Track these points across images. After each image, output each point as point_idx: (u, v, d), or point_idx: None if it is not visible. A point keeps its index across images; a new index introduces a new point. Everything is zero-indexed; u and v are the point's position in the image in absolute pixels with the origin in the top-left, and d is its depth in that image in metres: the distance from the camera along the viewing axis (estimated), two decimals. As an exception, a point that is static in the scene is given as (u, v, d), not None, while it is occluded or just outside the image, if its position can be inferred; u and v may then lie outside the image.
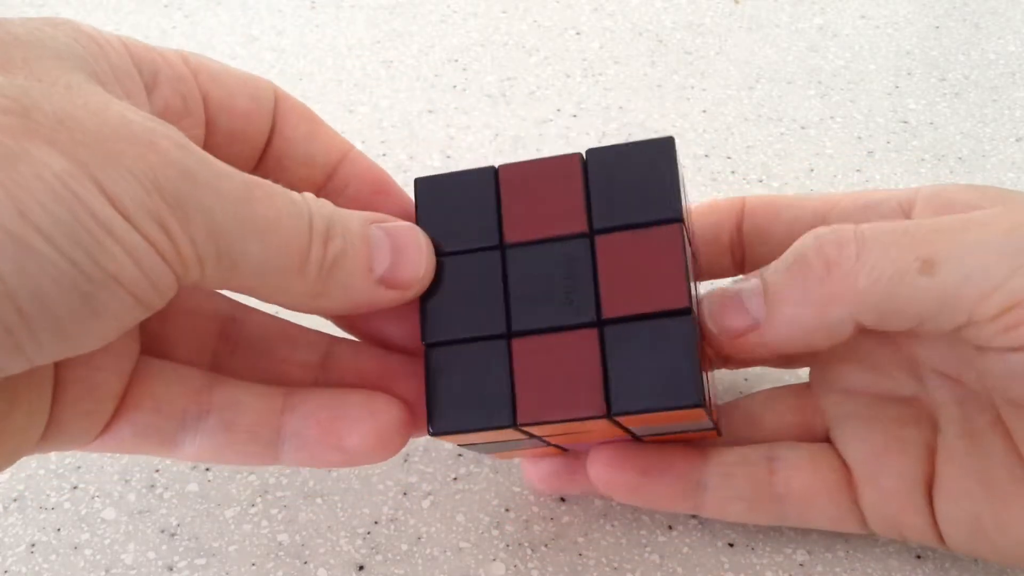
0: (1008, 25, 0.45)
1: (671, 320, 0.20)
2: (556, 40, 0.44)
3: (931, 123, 0.39)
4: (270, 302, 0.19)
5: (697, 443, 0.24)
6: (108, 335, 0.16)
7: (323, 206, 0.19)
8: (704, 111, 0.40)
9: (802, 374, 0.26)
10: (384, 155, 0.37)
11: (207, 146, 0.21)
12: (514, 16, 0.46)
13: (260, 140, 0.22)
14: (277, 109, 0.22)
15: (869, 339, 0.24)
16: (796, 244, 0.21)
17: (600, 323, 0.20)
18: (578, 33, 0.45)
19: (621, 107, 0.40)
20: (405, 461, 0.27)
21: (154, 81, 0.20)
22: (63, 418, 0.19)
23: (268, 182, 0.18)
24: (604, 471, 0.23)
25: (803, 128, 0.39)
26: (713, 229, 0.25)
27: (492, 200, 0.21)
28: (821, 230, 0.20)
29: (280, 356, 0.23)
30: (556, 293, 0.20)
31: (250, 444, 0.21)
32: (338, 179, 0.23)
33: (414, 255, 0.20)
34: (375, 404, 0.21)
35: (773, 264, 0.21)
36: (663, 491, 0.23)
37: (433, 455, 0.27)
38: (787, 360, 0.26)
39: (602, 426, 0.21)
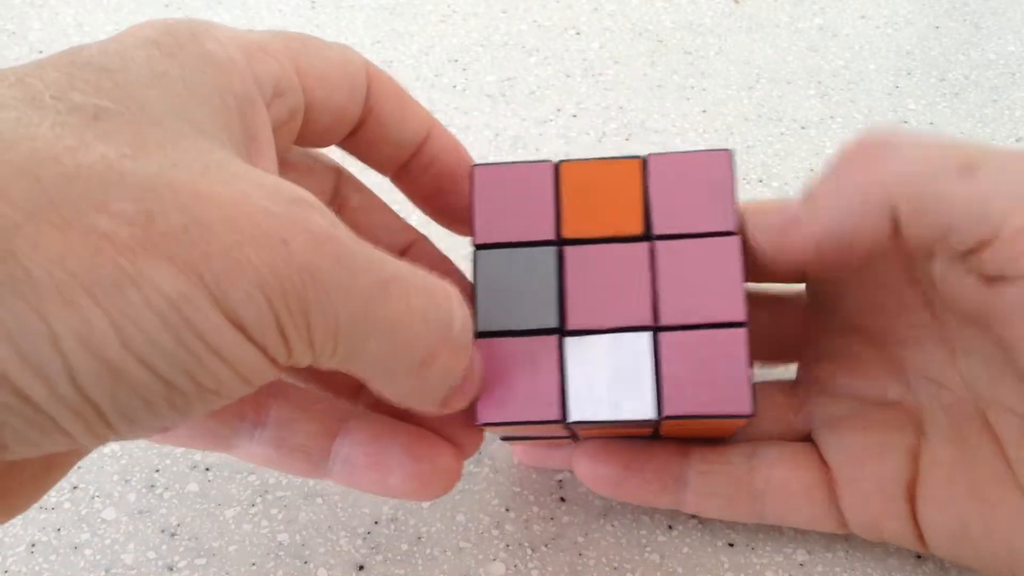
0: (1008, 25, 0.45)
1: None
2: (556, 40, 0.44)
3: (931, 123, 0.39)
4: (369, 381, 0.19)
5: (680, 440, 0.24)
6: (194, 419, 0.16)
7: (467, 316, 0.19)
8: (704, 111, 0.40)
9: (790, 372, 0.26)
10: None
11: (298, 139, 0.21)
12: (514, 16, 0.46)
13: (352, 124, 0.22)
14: (370, 90, 0.21)
15: (857, 341, 0.24)
16: (840, 147, 0.21)
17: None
18: (578, 33, 0.45)
19: (621, 107, 0.40)
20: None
21: (273, 96, 0.19)
22: None
23: (415, 273, 0.18)
24: (588, 465, 0.23)
25: (803, 128, 0.39)
26: None
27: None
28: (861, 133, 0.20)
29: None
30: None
31: (300, 461, 0.22)
32: (423, 156, 0.23)
33: (475, 380, 0.20)
34: (419, 447, 0.21)
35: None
36: (644, 485, 0.23)
37: (433, 455, 0.27)
38: (779, 354, 0.26)
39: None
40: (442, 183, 0.23)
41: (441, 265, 0.24)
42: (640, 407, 0.20)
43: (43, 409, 0.14)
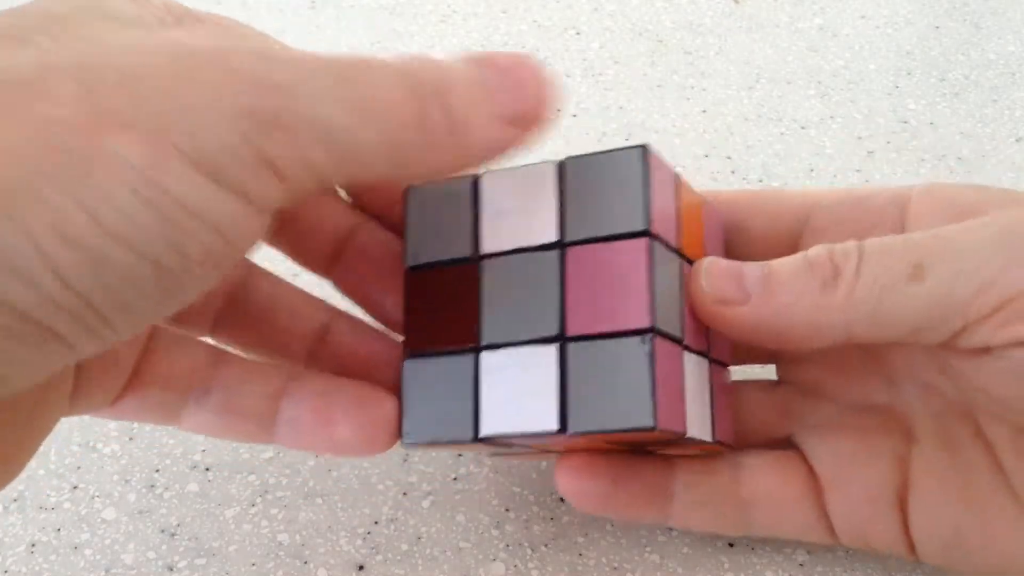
0: (1008, 25, 0.45)
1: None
2: (556, 40, 0.44)
3: (931, 123, 0.39)
4: (404, 177, 0.18)
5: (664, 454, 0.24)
6: (190, 301, 0.15)
7: (424, 64, 0.17)
8: (704, 111, 0.40)
9: (769, 370, 0.26)
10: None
11: None
12: (514, 16, 0.46)
13: None
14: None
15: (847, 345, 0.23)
16: (809, 250, 0.20)
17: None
18: (578, 33, 0.45)
19: (621, 107, 0.40)
20: (405, 461, 0.27)
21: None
22: (85, 388, 0.20)
23: (356, 56, 0.16)
24: (572, 481, 0.22)
25: (803, 128, 0.39)
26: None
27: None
28: (828, 247, 0.20)
29: (281, 326, 0.23)
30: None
31: (247, 424, 0.21)
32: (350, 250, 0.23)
33: (534, 86, 0.18)
34: (366, 398, 0.21)
35: (782, 259, 0.20)
36: (631, 500, 0.23)
37: (433, 455, 0.27)
38: (752, 355, 0.25)
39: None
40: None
41: (390, 244, 0.23)
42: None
43: (33, 316, 0.13)
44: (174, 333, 0.22)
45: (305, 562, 0.25)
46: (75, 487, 0.27)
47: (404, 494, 0.27)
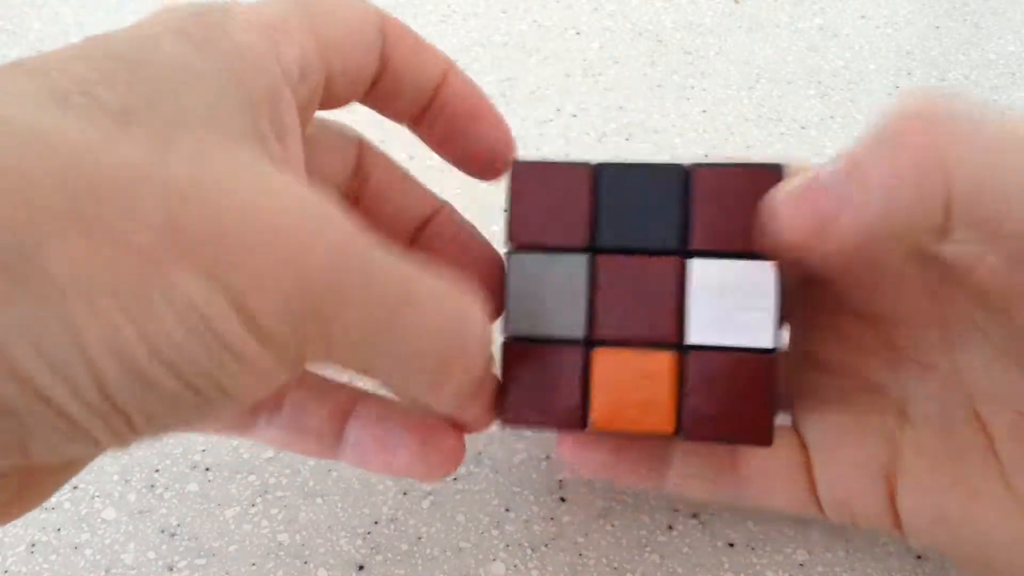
0: (1008, 25, 0.45)
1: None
2: (556, 40, 0.44)
3: (931, 123, 0.39)
4: (385, 384, 0.19)
5: None
6: (216, 421, 0.17)
7: (483, 325, 0.18)
8: (704, 111, 0.40)
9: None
10: (384, 155, 0.37)
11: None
12: (514, 16, 0.46)
13: (368, 83, 0.21)
14: (385, 43, 0.21)
15: (850, 320, 0.23)
16: (888, 113, 0.18)
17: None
18: (578, 33, 0.45)
19: (621, 107, 0.40)
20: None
21: (298, 81, 0.19)
22: None
23: (433, 281, 0.17)
24: (576, 450, 0.23)
25: (803, 128, 0.39)
26: None
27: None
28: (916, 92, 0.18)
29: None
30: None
31: (313, 443, 0.22)
32: (439, 102, 0.23)
33: (491, 388, 0.21)
34: (425, 430, 0.22)
35: (857, 140, 0.18)
36: (630, 468, 0.23)
37: (433, 455, 0.27)
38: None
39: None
40: (457, 126, 0.23)
41: (466, 233, 0.24)
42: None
43: (69, 414, 0.14)
44: None
45: (305, 562, 0.25)
46: (75, 487, 0.27)
47: (404, 494, 0.27)
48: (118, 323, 0.13)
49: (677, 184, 0.21)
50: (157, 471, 0.27)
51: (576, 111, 0.40)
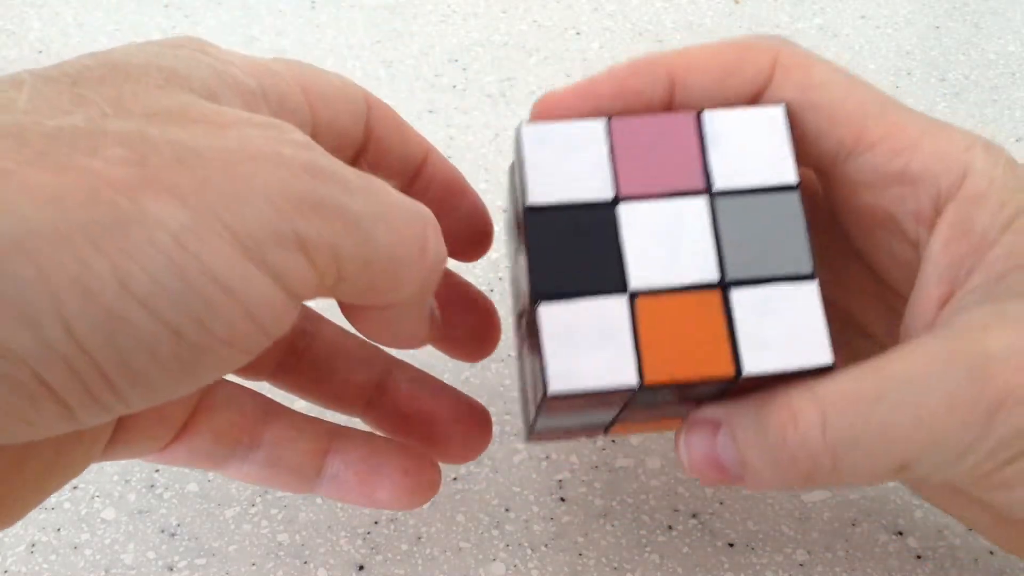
0: (1008, 25, 0.45)
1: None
2: (556, 40, 0.44)
3: (931, 123, 0.39)
4: (378, 303, 0.18)
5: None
6: (205, 383, 0.15)
7: (437, 228, 0.18)
8: (704, 111, 0.40)
9: None
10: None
11: None
12: (514, 16, 0.46)
13: (355, 148, 0.22)
14: (370, 116, 0.21)
15: (858, 267, 0.23)
16: (772, 427, 0.19)
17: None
18: (578, 33, 0.45)
19: (621, 107, 0.40)
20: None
21: (278, 109, 0.18)
22: (125, 438, 0.20)
23: (390, 187, 0.17)
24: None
25: (803, 128, 0.39)
26: (727, 96, 0.22)
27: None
28: (792, 436, 0.18)
29: (340, 376, 0.23)
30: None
31: (291, 478, 0.22)
32: (422, 179, 0.23)
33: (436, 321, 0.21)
34: (408, 463, 0.22)
35: (745, 416, 0.19)
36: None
37: (433, 455, 0.27)
38: None
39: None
40: (442, 204, 0.23)
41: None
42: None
43: (27, 362, 0.13)
44: (227, 386, 0.22)
45: (305, 562, 0.25)
46: (75, 487, 0.27)
47: (404, 494, 0.27)
48: (88, 258, 0.12)
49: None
50: (157, 471, 0.27)
51: (576, 111, 0.40)
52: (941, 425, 0.17)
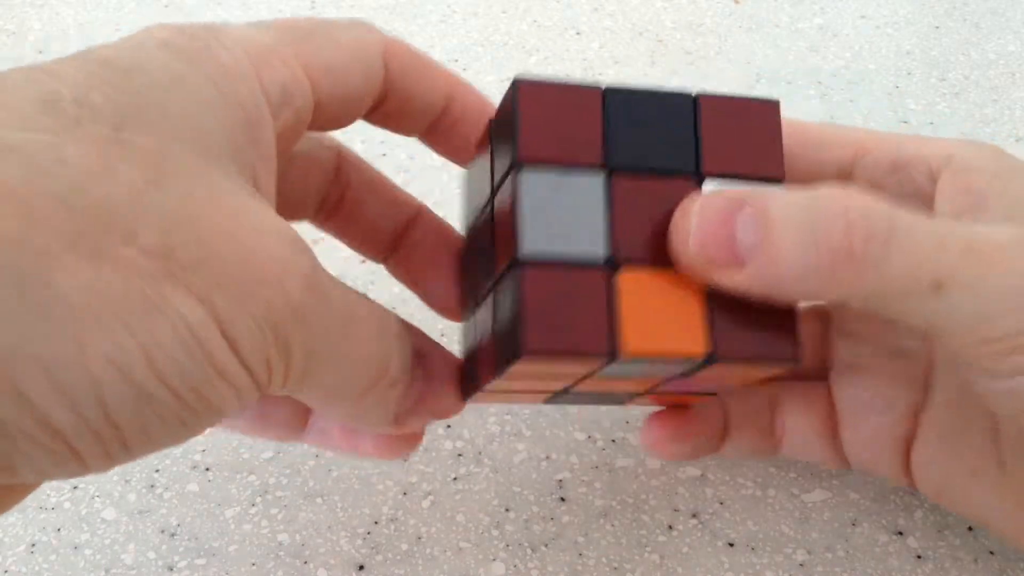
0: (1008, 25, 0.45)
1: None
2: (556, 40, 0.44)
3: (931, 123, 0.39)
4: (312, 406, 0.20)
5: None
6: (192, 437, 0.17)
7: (403, 352, 0.20)
8: (704, 111, 0.40)
9: None
10: (384, 155, 0.37)
11: (309, 127, 0.21)
12: (514, 16, 0.46)
13: (368, 106, 0.22)
14: (388, 67, 0.21)
15: None
16: (823, 199, 0.18)
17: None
18: (578, 33, 0.45)
19: (621, 107, 0.40)
20: (405, 461, 0.27)
21: (280, 104, 0.19)
22: None
23: (369, 307, 0.19)
24: (666, 447, 0.24)
25: (803, 128, 0.39)
26: None
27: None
28: (856, 203, 0.18)
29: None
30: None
31: (280, 430, 0.23)
32: (448, 118, 0.23)
33: (430, 406, 0.21)
34: None
35: (786, 196, 0.18)
36: (700, 449, 0.25)
37: (433, 455, 0.27)
38: None
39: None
40: (469, 142, 0.23)
41: (445, 234, 0.25)
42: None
43: (65, 436, 0.14)
44: None
45: (305, 562, 0.25)
46: (75, 487, 0.27)
47: (404, 494, 0.27)
48: (121, 339, 0.14)
49: (687, 110, 0.21)
50: (157, 471, 0.27)
51: (576, 111, 0.40)
52: (988, 250, 0.18)
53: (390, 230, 0.24)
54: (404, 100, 0.22)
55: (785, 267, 0.18)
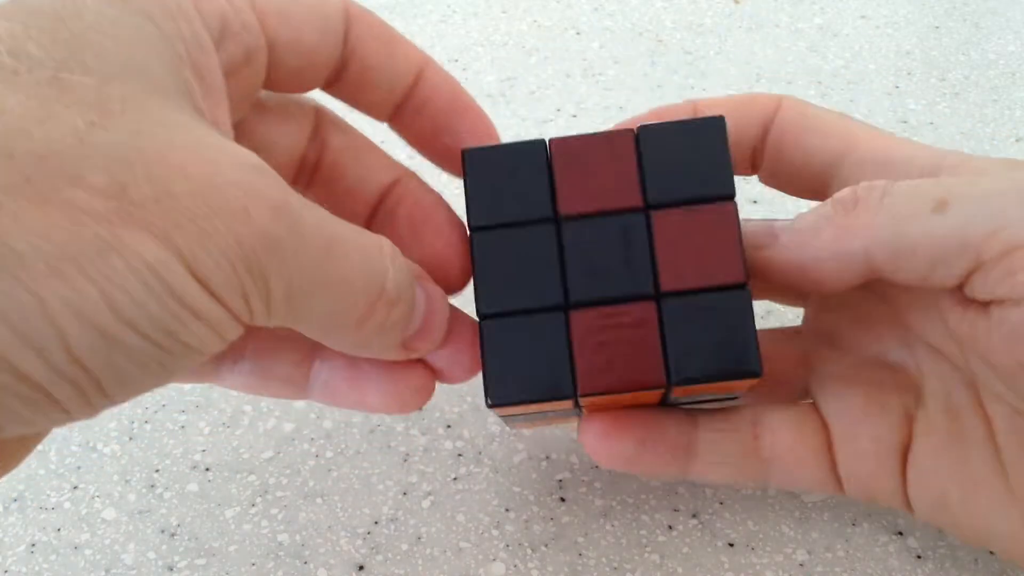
0: (1008, 25, 0.45)
1: (728, 293, 0.21)
2: (556, 40, 0.44)
3: (931, 123, 0.39)
4: (315, 338, 0.20)
5: (687, 408, 0.24)
6: (178, 378, 0.17)
7: (400, 270, 0.19)
8: (704, 111, 0.40)
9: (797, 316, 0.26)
10: (384, 155, 0.37)
11: (268, 83, 0.21)
12: (514, 16, 0.46)
13: (329, 67, 0.21)
14: (349, 31, 0.21)
15: (867, 297, 0.24)
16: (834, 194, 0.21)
17: (658, 295, 0.21)
18: (578, 33, 0.45)
19: (621, 107, 0.40)
20: (405, 461, 0.27)
21: (221, 36, 0.19)
22: None
23: (353, 231, 0.19)
24: (600, 443, 0.23)
25: (803, 128, 0.39)
26: (740, 126, 0.24)
27: (544, 172, 0.21)
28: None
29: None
30: (613, 266, 0.21)
31: (282, 386, 0.23)
32: (416, 98, 0.23)
33: (438, 325, 0.21)
34: (394, 368, 0.22)
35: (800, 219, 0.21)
36: (657, 459, 0.23)
37: (433, 455, 0.27)
38: (790, 296, 0.27)
39: (649, 395, 0.21)
40: (437, 125, 0.23)
41: (428, 199, 0.24)
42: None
43: (39, 384, 0.14)
44: None
45: (305, 562, 0.25)
46: (75, 487, 0.27)
47: (404, 494, 0.27)
48: (80, 287, 0.14)
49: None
50: (157, 471, 0.27)
51: (576, 111, 0.40)
52: (980, 167, 0.20)
53: (373, 193, 0.24)
54: (366, 69, 0.21)
55: (809, 233, 0.21)
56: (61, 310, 0.14)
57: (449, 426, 0.28)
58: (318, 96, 0.23)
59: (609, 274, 0.21)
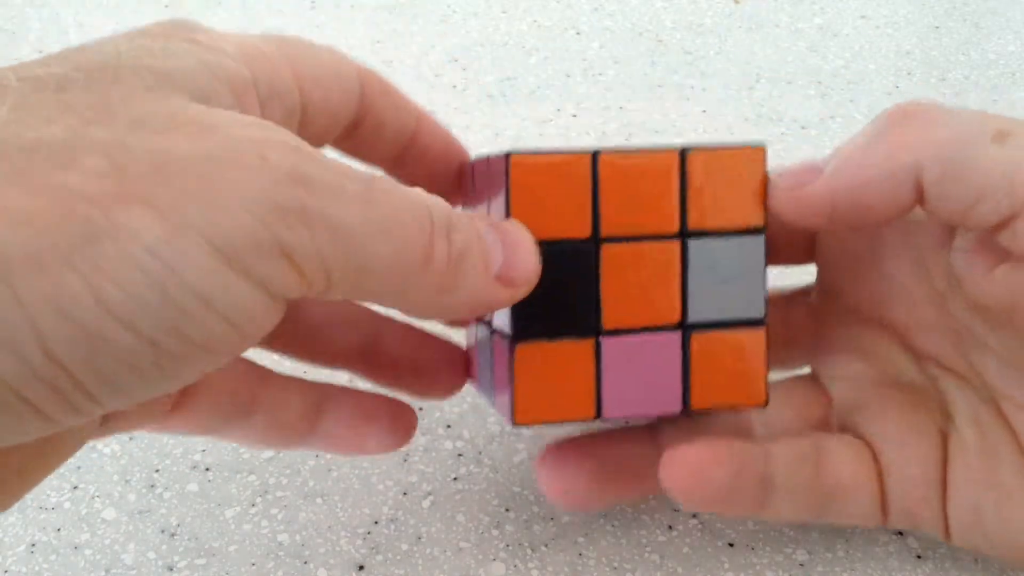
0: (1008, 25, 0.45)
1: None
2: (556, 40, 0.44)
3: (931, 123, 0.39)
4: (395, 307, 0.18)
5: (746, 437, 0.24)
6: (187, 383, 0.15)
7: (438, 201, 0.18)
8: (704, 111, 0.40)
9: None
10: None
11: None
12: (514, 16, 0.46)
13: (346, 123, 0.22)
14: (363, 92, 0.21)
15: (868, 332, 0.24)
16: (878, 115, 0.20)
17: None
18: (578, 33, 0.45)
19: (621, 107, 0.40)
20: (405, 461, 0.27)
21: (268, 96, 0.18)
22: (124, 414, 0.20)
23: (382, 176, 0.18)
24: (688, 480, 0.21)
25: (803, 128, 0.39)
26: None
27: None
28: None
29: (333, 338, 0.24)
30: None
31: (289, 436, 0.23)
32: (415, 148, 0.23)
33: (525, 252, 0.19)
34: (394, 410, 0.23)
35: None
36: (743, 498, 0.22)
37: (433, 455, 0.27)
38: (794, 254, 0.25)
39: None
40: (435, 171, 0.24)
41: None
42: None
43: (11, 385, 0.13)
44: None
45: (305, 562, 0.25)
46: (75, 487, 0.27)
47: (404, 494, 0.27)
48: (61, 278, 0.13)
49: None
50: (157, 471, 0.27)
51: (576, 111, 0.40)
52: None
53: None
54: (378, 124, 0.22)
55: (859, 154, 0.20)
56: (37, 304, 0.12)
57: (449, 426, 0.28)
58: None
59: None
